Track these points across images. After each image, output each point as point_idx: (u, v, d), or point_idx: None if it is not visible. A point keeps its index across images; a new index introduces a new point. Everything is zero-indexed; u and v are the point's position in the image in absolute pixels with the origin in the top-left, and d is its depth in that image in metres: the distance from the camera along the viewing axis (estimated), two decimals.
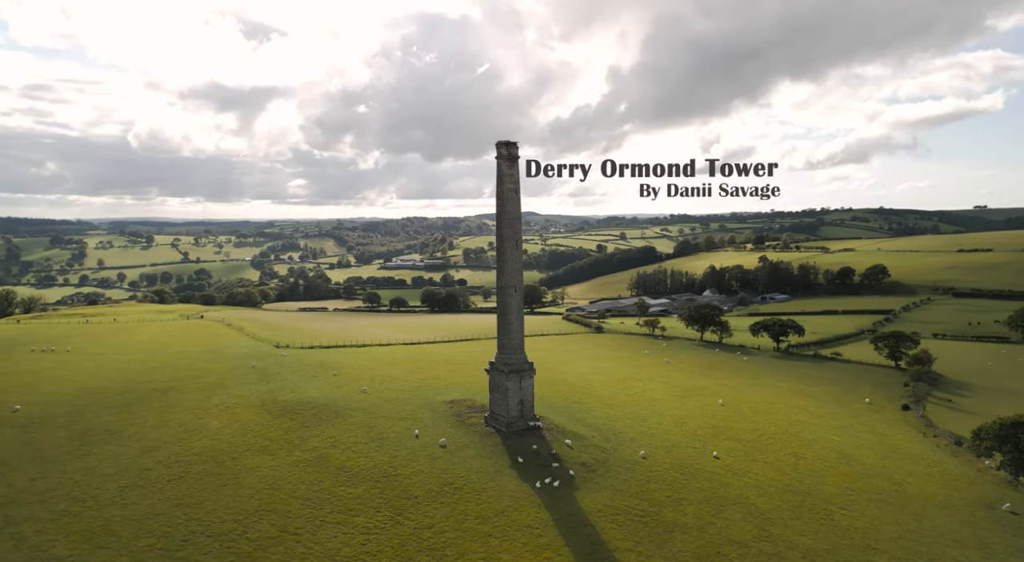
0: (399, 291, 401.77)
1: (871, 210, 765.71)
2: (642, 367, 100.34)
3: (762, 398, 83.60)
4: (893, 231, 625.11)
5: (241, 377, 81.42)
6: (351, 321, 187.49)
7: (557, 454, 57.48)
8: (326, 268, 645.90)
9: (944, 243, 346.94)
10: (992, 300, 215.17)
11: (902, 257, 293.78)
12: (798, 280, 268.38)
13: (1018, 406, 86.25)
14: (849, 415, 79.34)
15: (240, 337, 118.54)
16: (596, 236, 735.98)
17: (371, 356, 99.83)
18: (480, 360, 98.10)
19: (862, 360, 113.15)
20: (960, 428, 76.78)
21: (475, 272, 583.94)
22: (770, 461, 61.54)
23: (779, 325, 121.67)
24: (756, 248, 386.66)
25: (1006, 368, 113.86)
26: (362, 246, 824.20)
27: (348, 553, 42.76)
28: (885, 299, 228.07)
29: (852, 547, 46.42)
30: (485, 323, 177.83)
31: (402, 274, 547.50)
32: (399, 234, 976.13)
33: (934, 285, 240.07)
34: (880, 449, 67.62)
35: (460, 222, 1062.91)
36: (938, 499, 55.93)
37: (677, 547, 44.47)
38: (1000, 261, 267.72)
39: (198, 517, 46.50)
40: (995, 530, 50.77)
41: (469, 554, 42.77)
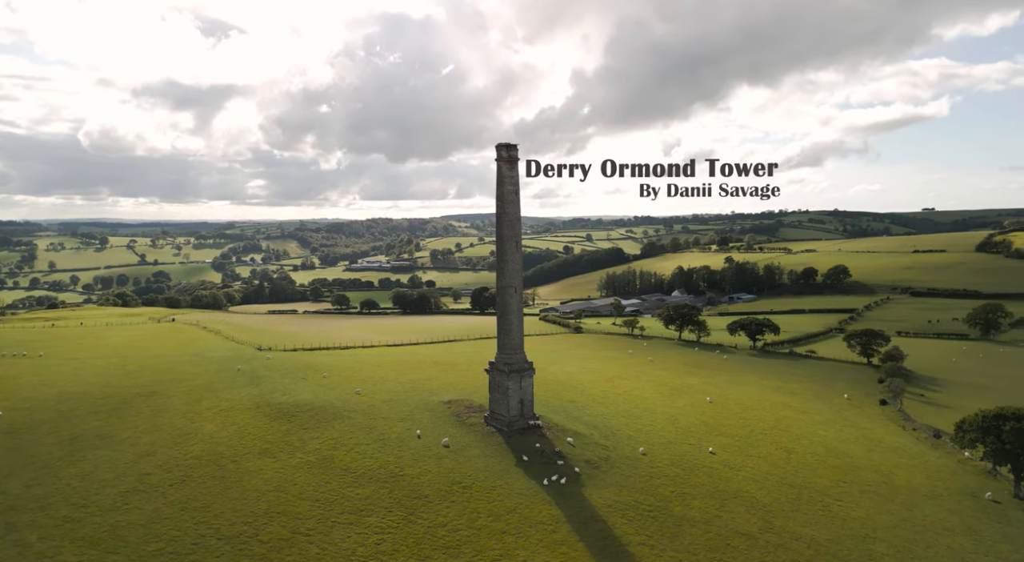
0: (367, 293, 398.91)
1: (826, 212, 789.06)
2: (628, 366, 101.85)
3: (747, 395, 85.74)
4: (848, 232, 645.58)
5: (228, 380, 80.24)
6: (326, 323, 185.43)
7: (561, 452, 58.22)
8: (290, 270, 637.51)
9: (900, 244, 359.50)
10: (948, 299, 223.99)
11: (861, 258, 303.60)
12: (764, 280, 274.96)
13: (987, 400, 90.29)
14: (831, 410, 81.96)
15: (218, 340, 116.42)
16: (563, 237, 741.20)
17: (357, 358, 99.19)
18: (467, 361, 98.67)
19: (835, 357, 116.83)
20: (936, 421, 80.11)
21: (443, 273, 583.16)
22: (764, 456, 63.27)
23: (755, 324, 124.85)
24: (720, 249, 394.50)
25: (970, 364, 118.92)
26: (326, 248, 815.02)
27: (364, 553, 42.80)
28: (847, 298, 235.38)
29: (852, 537, 48.17)
30: (461, 324, 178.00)
31: (368, 276, 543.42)
32: (364, 235, 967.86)
33: (893, 285, 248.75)
34: (864, 443, 70.09)
35: (426, 223, 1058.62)
36: (925, 490, 58.29)
37: (688, 540, 45.60)
38: (953, 261, 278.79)
39: (206, 520, 46.01)
40: (981, 518, 53.22)
41: (486, 551, 43.19)
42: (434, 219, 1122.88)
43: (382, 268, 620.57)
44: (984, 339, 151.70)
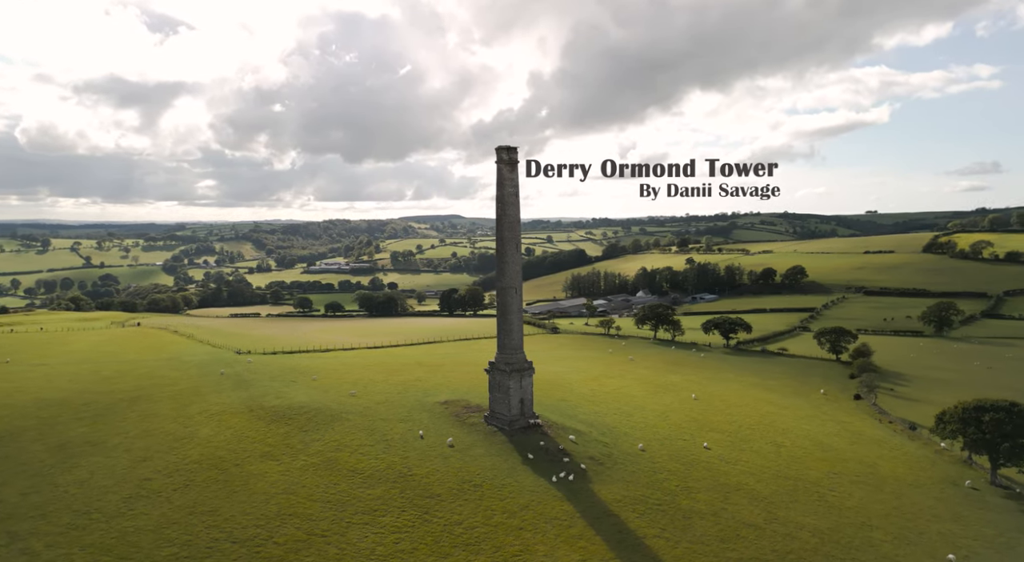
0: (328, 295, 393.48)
1: (777, 214, 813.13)
2: (611, 365, 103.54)
3: (729, 392, 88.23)
4: (797, 234, 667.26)
5: (214, 384, 78.73)
6: (294, 326, 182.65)
7: (565, 449, 59.15)
8: (245, 272, 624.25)
9: (851, 246, 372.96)
10: (899, 297, 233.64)
11: (816, 258, 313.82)
12: (725, 281, 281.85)
13: (951, 393, 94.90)
14: (810, 405, 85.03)
15: (192, 344, 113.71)
16: (523, 239, 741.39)
17: (341, 361, 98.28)
18: (451, 363, 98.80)
19: (805, 354, 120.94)
20: (907, 414, 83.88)
21: (404, 275, 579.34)
22: (755, 450, 65.38)
23: (728, 323, 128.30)
24: (680, 250, 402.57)
25: (929, 359, 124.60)
26: (282, 249, 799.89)
27: (383, 552, 42.98)
28: (805, 297, 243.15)
29: (851, 525, 50.37)
30: (434, 326, 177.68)
31: (328, 278, 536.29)
32: (321, 237, 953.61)
33: (847, 284, 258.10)
34: (846, 436, 73.02)
35: (385, 225, 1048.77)
36: (909, 479, 61.17)
37: (699, 532, 47.03)
38: (902, 262, 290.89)
39: (217, 524, 45.54)
40: (964, 504, 56.19)
41: (505, 547, 43.79)
42: (393, 221, 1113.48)
43: (341, 270, 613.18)
44: (938, 336, 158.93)
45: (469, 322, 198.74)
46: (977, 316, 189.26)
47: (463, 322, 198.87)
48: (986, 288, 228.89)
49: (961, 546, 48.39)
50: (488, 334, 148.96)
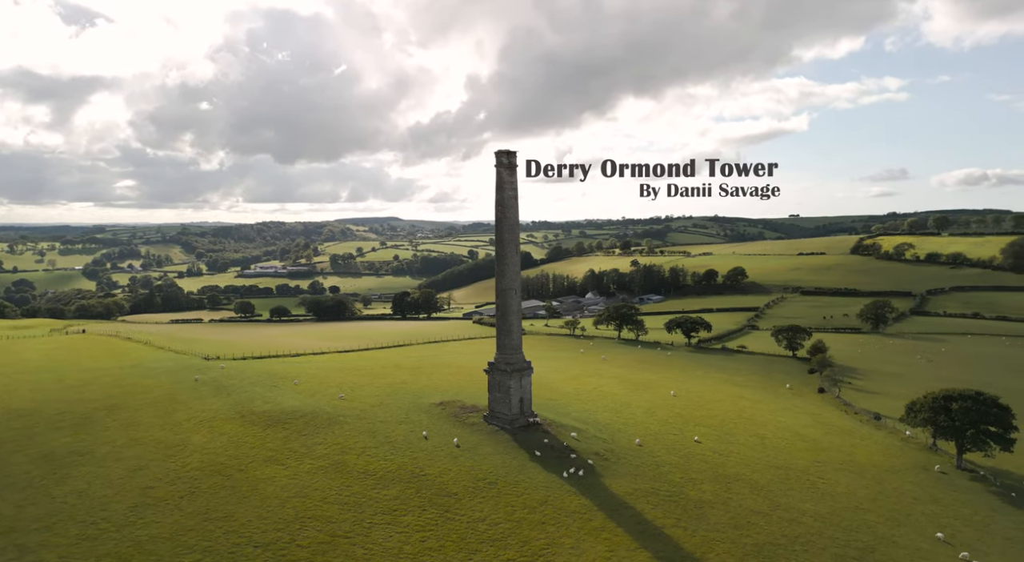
0: (269, 300, 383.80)
1: (708, 218, 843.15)
2: (586, 365, 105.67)
3: (704, 388, 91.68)
4: (728, 237, 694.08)
5: (192, 391, 76.49)
6: (247, 331, 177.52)
7: (569, 446, 60.52)
8: (175, 277, 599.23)
9: (785, 248, 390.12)
10: (833, 297, 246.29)
11: (753, 260, 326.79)
12: (669, 282, 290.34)
13: (902, 385, 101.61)
14: (780, 399, 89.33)
15: (152, 351, 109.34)
16: (466, 242, 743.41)
17: (316, 365, 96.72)
18: (430, 365, 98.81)
19: (763, 351, 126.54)
20: (868, 405, 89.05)
21: (344, 279, 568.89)
22: (742, 442, 68.44)
23: (690, 322, 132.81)
24: (623, 253, 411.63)
25: (874, 354, 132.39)
26: (214, 253, 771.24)
27: (411, 550, 43.31)
28: (746, 297, 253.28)
29: (845, 509, 53.60)
30: (393, 330, 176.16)
31: (264, 282, 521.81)
32: (255, 240, 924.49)
33: (784, 284, 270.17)
34: (819, 427, 77.21)
35: (321, 227, 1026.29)
36: (885, 465, 65.36)
37: (713, 520, 49.20)
38: (833, 263, 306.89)
39: (235, 529, 44.95)
40: (938, 487, 60.54)
41: (532, 542, 44.76)
42: (329, 223, 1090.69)
43: (278, 274, 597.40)
44: (874, 332, 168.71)
45: (427, 325, 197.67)
46: (907, 314, 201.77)
47: (421, 325, 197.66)
48: (910, 287, 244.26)
49: (945, 525, 52.26)
50: (455, 337, 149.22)
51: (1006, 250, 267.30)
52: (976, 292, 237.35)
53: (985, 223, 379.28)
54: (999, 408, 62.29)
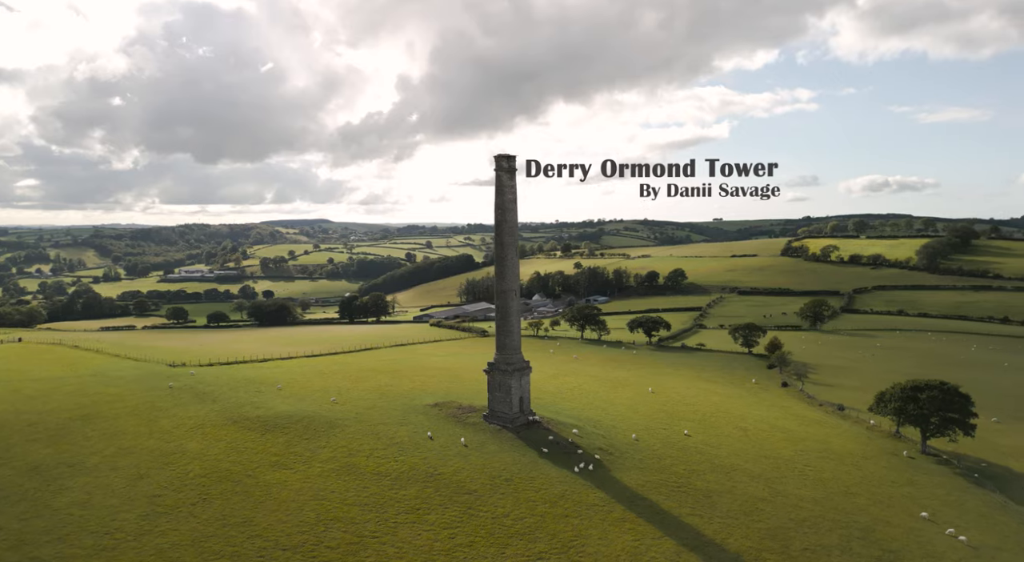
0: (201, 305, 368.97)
1: (639, 221, 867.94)
2: (561, 364, 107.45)
3: (678, 385, 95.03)
4: (658, 240, 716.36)
5: (169, 398, 73.87)
6: (193, 338, 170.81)
7: (574, 443, 62.03)
8: (90, 282, 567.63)
9: (720, 250, 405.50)
10: (768, 296, 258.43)
11: (691, 262, 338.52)
12: (613, 283, 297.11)
13: (853, 377, 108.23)
14: (750, 394, 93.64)
15: (107, 359, 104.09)
16: (402, 244, 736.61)
17: (290, 370, 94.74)
18: (407, 368, 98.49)
19: (721, 349, 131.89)
20: (829, 397, 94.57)
21: (277, 283, 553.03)
22: (727, 434, 71.65)
23: (651, 322, 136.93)
24: (565, 256, 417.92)
25: (818, 349, 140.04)
26: (132, 257, 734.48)
27: (441, 547, 43.89)
28: (688, 298, 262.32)
29: (837, 494, 57.20)
30: (348, 334, 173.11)
31: (191, 287, 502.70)
32: (177, 243, 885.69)
33: (722, 285, 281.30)
34: (792, 418, 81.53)
35: (249, 229, 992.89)
36: (859, 452, 69.81)
37: (723, 508, 51.70)
38: (766, 264, 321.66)
39: (258, 534, 44.59)
40: (911, 471, 65.23)
41: (560, 534, 46.02)
42: (257, 225, 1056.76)
43: (205, 278, 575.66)
44: (812, 329, 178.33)
45: (380, 329, 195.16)
46: (839, 311, 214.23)
47: (374, 329, 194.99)
48: (837, 287, 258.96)
49: (925, 505, 56.57)
50: (418, 340, 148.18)
51: (921, 251, 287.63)
52: (897, 291, 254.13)
53: (899, 226, 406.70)
54: (961, 397, 67.79)
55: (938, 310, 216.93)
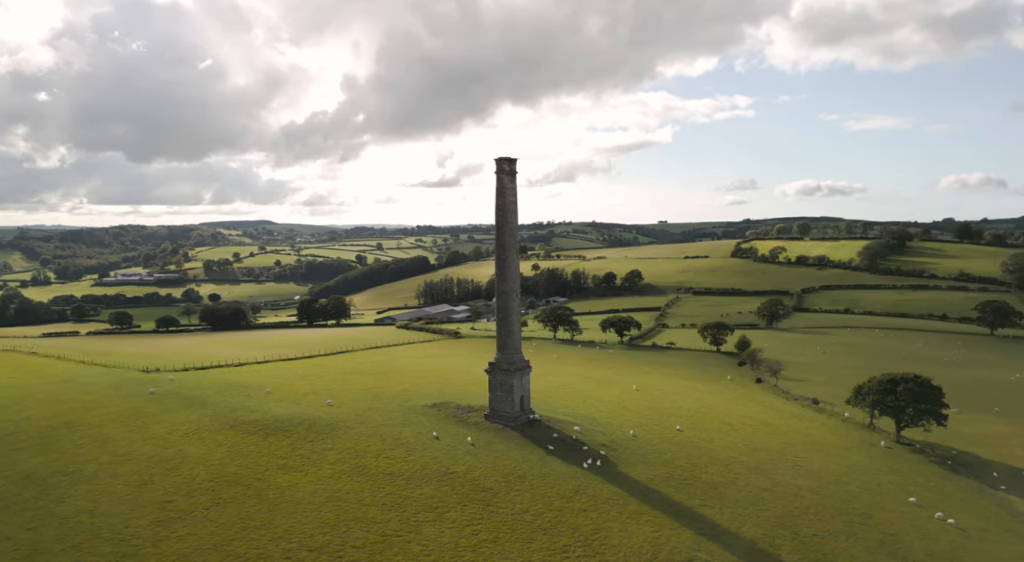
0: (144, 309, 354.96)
1: (587, 224, 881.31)
2: (541, 364, 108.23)
3: (660, 382, 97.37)
4: (606, 241, 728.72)
5: (156, 404, 71.87)
6: (148, 343, 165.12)
7: (578, 440, 63.17)
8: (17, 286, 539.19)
9: (673, 252, 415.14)
10: (722, 296, 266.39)
11: (645, 263, 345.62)
12: (571, 285, 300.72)
13: (819, 373, 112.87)
14: (728, 390, 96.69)
15: (74, 366, 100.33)
16: (351, 246, 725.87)
17: (271, 374, 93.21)
18: (391, 370, 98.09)
19: (690, 347, 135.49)
20: (800, 392, 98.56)
21: (221, 286, 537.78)
22: (716, 429, 74.01)
23: (622, 321, 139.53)
24: (521, 257, 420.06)
25: (779, 346, 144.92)
26: (63, 259, 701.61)
27: (467, 544, 44.44)
28: (645, 298, 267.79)
29: (830, 483, 59.80)
30: (313, 338, 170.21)
31: (130, 290, 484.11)
32: (111, 245, 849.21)
33: (677, 286, 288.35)
34: (772, 413, 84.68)
35: (189, 231, 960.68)
36: (840, 443, 73.13)
37: (732, 498, 53.66)
38: (717, 265, 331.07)
39: (280, 536, 44.43)
40: (890, 460, 68.72)
41: (581, 528, 47.07)
42: (198, 226, 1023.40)
43: (144, 281, 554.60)
44: (769, 328, 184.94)
45: (343, 332, 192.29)
46: (791, 310, 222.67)
47: (337, 333, 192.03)
48: (787, 287, 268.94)
49: (911, 491, 59.77)
50: (388, 343, 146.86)
51: (862, 253, 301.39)
52: (841, 290, 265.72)
53: (840, 229, 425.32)
54: (934, 389, 71.93)
55: (881, 308, 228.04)
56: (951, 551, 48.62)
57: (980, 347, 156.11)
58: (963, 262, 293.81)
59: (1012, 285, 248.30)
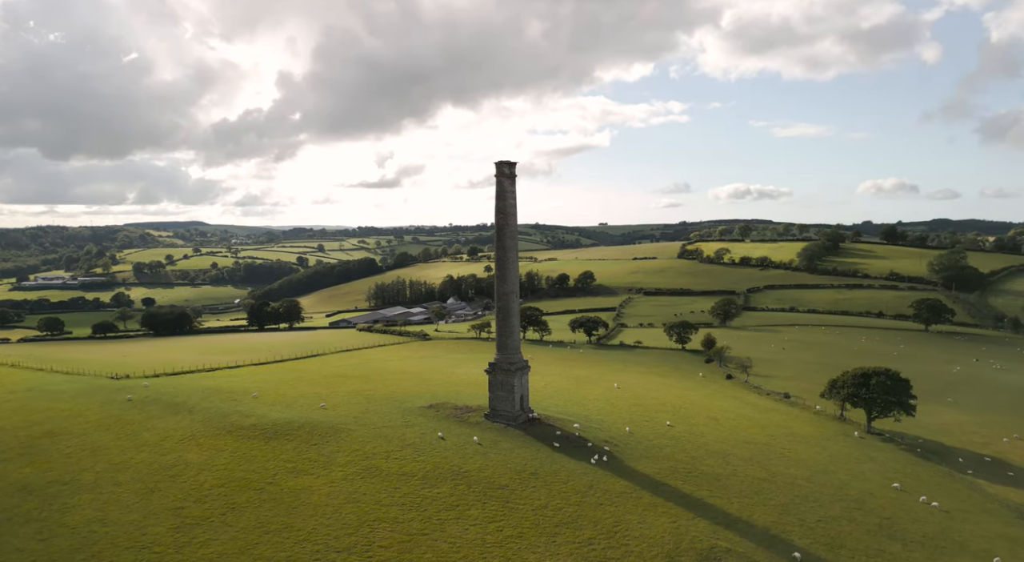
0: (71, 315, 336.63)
1: (530, 225, 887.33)
2: None
3: (637, 380, 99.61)
4: (550, 243, 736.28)
5: (138, 411, 69.72)
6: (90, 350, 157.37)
7: (581, 437, 64.32)
8: None
9: (621, 253, 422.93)
10: (672, 296, 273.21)
11: (596, 264, 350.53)
12: (525, 286, 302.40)
13: (782, 368, 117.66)
14: (702, 386, 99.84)
15: (30, 374, 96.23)
16: (292, 248, 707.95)
17: (250, 379, 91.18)
18: (374, 372, 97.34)
19: (656, 346, 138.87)
20: (771, 386, 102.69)
21: (154, 289, 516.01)
22: (703, 423, 76.48)
23: (591, 322, 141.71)
24: (471, 259, 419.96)
25: (736, 343, 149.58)
26: None
27: (492, 540, 45.20)
28: (598, 299, 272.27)
29: (818, 472, 62.88)
30: (267, 342, 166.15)
31: (54, 295, 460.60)
32: (28, 246, 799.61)
33: (628, 286, 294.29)
34: (748, 407, 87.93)
35: (115, 232, 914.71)
36: (818, 434, 76.83)
37: (735, 488, 55.89)
38: (666, 266, 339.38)
39: (305, 538, 44.35)
40: (866, 448, 72.60)
41: (602, 521, 48.33)
42: (125, 227, 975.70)
43: (68, 285, 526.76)
44: (723, 326, 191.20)
45: (300, 336, 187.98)
46: (741, 309, 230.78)
47: (293, 336, 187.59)
48: (733, 286, 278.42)
49: (892, 477, 63.42)
50: (362, 345, 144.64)
51: (801, 254, 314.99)
52: (784, 290, 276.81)
53: (778, 230, 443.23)
54: (903, 381, 76.50)
55: (823, 306, 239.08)
56: (941, 532, 52.07)
57: (918, 342, 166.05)
58: (892, 262, 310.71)
59: (938, 284, 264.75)
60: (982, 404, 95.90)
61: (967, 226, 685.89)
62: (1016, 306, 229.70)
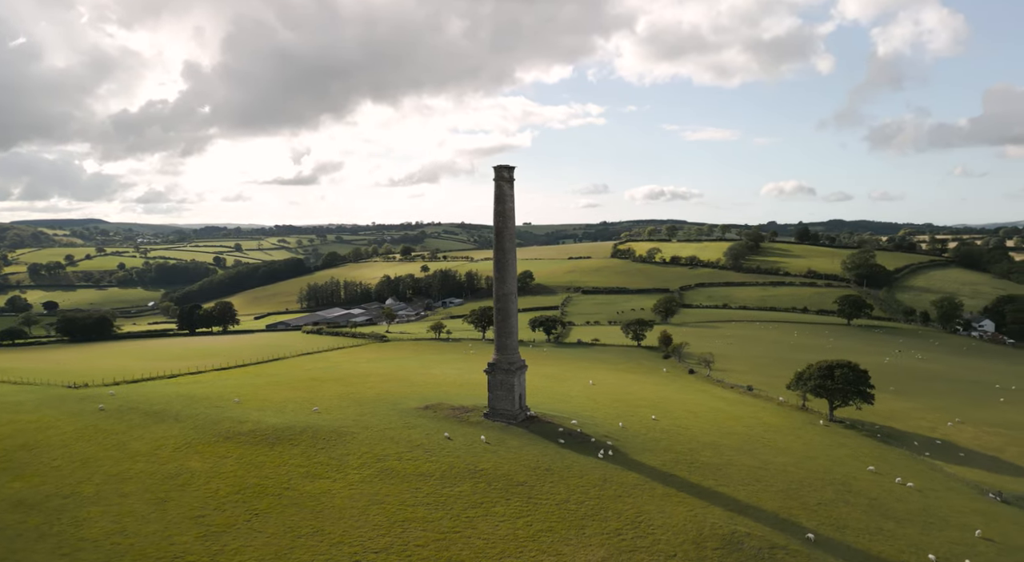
0: None
1: (456, 224, 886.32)
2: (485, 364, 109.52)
3: (606, 377, 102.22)
4: (477, 242, 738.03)
5: (117, 420, 67.08)
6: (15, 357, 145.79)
7: (584, 433, 65.88)
8: None
9: (557, 253, 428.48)
10: (609, 294, 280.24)
11: (534, 264, 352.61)
12: (465, 286, 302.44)
13: (734, 363, 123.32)
14: (669, 381, 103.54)
15: None
16: (206, 248, 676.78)
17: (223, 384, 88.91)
18: (350, 375, 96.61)
19: (613, 343, 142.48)
20: (731, 380, 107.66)
21: (53, 292, 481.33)
22: (684, 417, 79.68)
23: (550, 321, 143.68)
24: (405, 259, 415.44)
25: (686, 339, 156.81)
26: None
27: (524, 535, 46.38)
28: (540, 298, 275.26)
29: (802, 458, 66.88)
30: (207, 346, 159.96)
31: None
32: None
33: (566, 285, 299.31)
34: (718, 401, 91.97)
35: (4, 231, 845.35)
36: (788, 424, 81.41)
37: (737, 478, 58.89)
38: (601, 265, 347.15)
39: (339, 541, 44.53)
40: (834, 435, 77.64)
41: (624, 513, 50.13)
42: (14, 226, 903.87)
43: None
44: (665, 323, 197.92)
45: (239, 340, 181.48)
46: (679, 307, 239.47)
47: (233, 340, 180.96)
48: (666, 285, 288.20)
49: (865, 461, 68.23)
50: (321, 348, 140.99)
51: (727, 253, 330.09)
52: (714, 287, 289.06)
53: (703, 231, 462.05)
54: (863, 373, 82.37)
55: (752, 303, 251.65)
56: (923, 509, 56.69)
57: (845, 335, 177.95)
58: (808, 261, 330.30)
59: (851, 281, 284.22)
60: (920, 391, 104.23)
61: (860, 226, 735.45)
62: (922, 301, 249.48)
